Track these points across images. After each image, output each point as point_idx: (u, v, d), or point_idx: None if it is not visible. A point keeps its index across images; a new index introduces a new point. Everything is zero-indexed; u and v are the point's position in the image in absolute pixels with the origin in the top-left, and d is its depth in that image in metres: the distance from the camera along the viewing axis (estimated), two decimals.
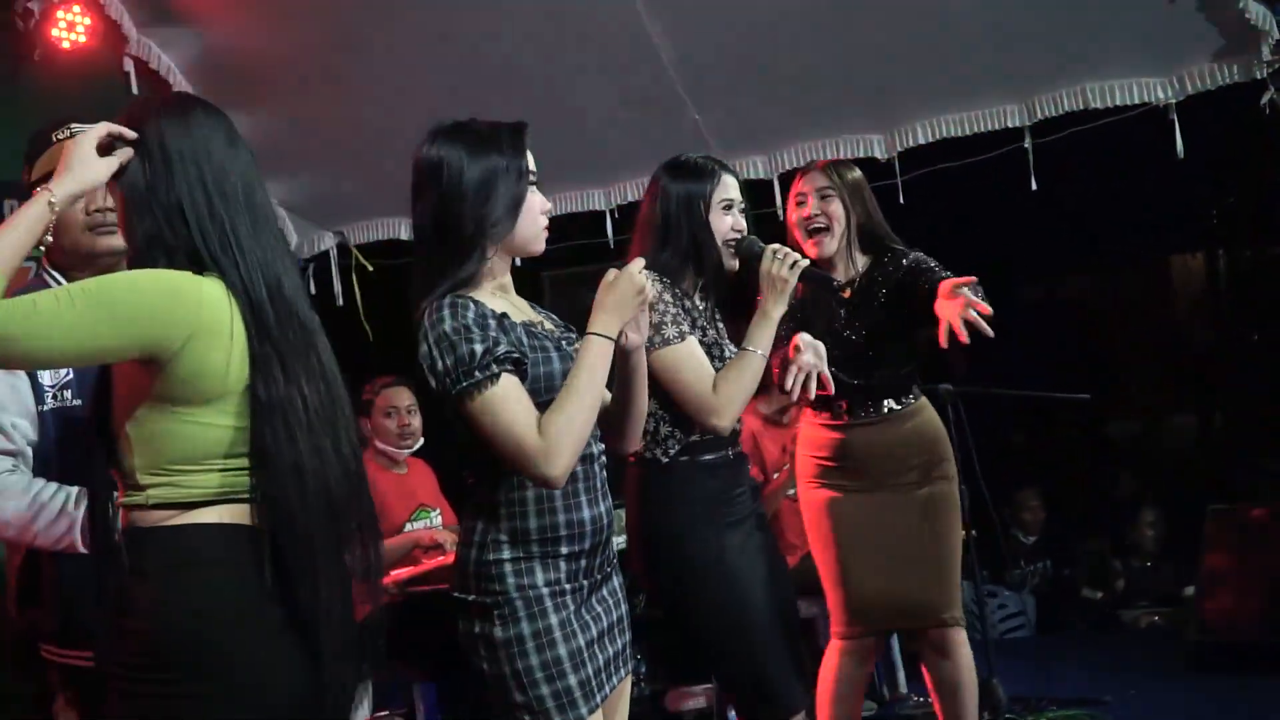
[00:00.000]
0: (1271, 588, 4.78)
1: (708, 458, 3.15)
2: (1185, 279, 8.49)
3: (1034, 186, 5.34)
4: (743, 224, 3.24)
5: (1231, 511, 5.00)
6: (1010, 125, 5.35)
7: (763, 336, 3.10)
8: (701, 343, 3.11)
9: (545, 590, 2.43)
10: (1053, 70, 5.21)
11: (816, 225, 3.69)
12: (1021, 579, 6.74)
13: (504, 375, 2.34)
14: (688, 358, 3.06)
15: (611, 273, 2.50)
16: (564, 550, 2.45)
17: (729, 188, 3.23)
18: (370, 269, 6.29)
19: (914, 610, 3.67)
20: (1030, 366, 6.56)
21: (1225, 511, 5.01)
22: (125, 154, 2.09)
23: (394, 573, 4.20)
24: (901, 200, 5.52)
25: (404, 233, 6.15)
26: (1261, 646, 4.78)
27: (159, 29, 5.25)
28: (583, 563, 2.49)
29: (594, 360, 2.41)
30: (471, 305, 2.39)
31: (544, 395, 2.41)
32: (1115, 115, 5.25)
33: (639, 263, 2.50)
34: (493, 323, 2.39)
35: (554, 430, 2.33)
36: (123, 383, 2.06)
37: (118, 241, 2.50)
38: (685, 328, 3.08)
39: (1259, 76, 4.94)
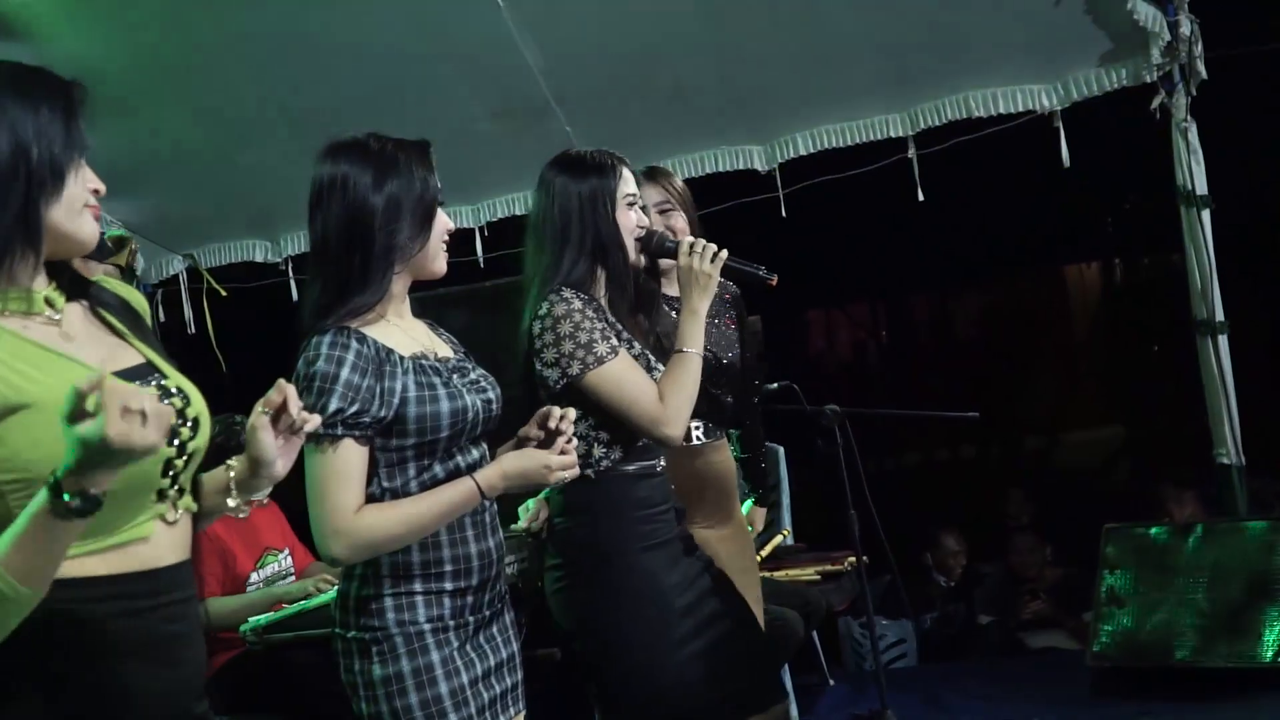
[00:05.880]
0: (1168, 608, 4.84)
1: (631, 467, 3.07)
2: (1081, 290, 8.71)
3: (920, 198, 5.47)
4: (646, 220, 3.20)
5: (1127, 530, 5.07)
6: (893, 135, 5.49)
7: (695, 335, 3.08)
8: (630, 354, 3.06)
9: (427, 626, 2.47)
10: (935, 78, 5.34)
11: None
12: (943, 620, 6.83)
13: (345, 441, 2.39)
14: (626, 372, 2.99)
15: (531, 454, 2.55)
16: (449, 586, 2.49)
17: (630, 182, 3.16)
18: (224, 293, 6.26)
19: None
20: (924, 384, 6.67)
21: (1120, 530, 5.08)
22: None
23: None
24: (784, 214, 5.65)
25: (259, 254, 6.20)
26: (1159, 670, 4.83)
27: None
28: (469, 599, 2.53)
29: (456, 502, 2.48)
30: (353, 344, 2.41)
31: (429, 435, 2.47)
32: (1002, 124, 5.39)
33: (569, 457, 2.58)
34: (369, 369, 2.41)
35: (366, 525, 2.39)
36: None
37: None
38: (615, 341, 3.01)
39: (1149, 80, 5.08)
